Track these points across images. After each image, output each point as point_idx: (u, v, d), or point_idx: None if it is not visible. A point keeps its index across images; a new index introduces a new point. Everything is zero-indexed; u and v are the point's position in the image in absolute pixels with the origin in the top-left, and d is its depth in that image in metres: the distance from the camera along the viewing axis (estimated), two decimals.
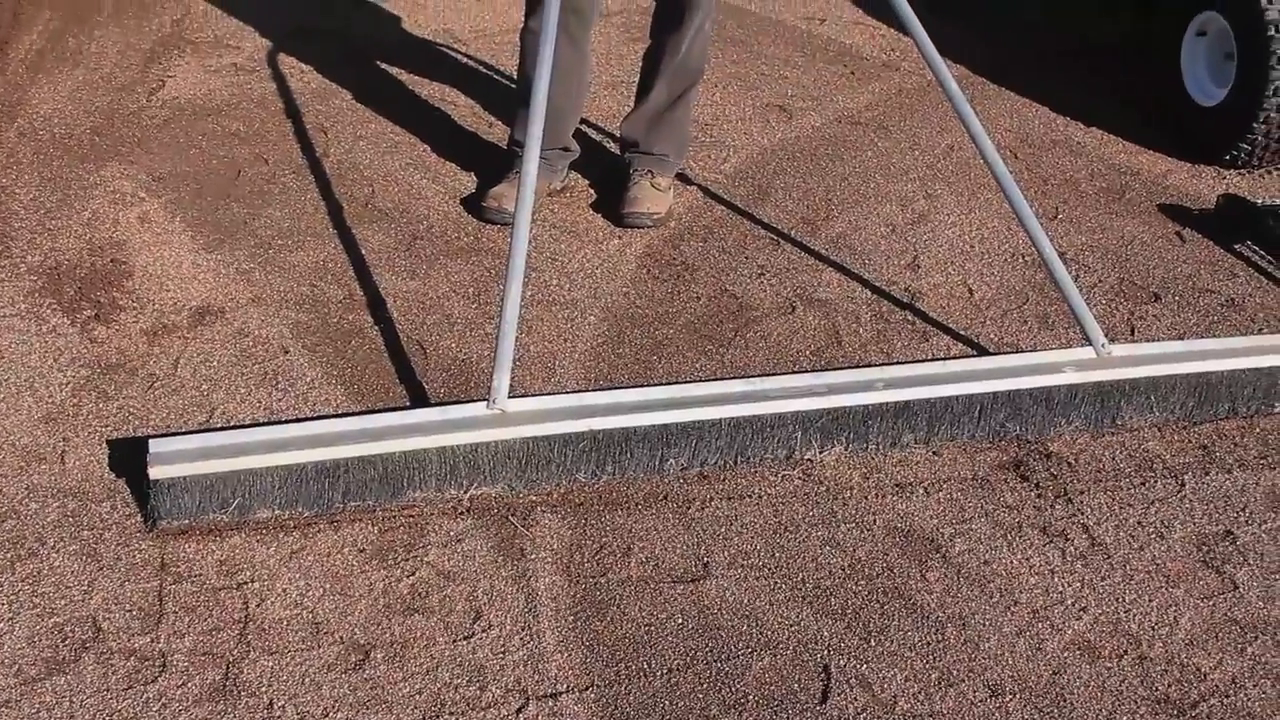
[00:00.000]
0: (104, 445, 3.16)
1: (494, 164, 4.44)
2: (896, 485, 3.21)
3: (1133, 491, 3.25)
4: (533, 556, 2.94)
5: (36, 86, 4.94)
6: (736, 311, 3.83)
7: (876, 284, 4.01)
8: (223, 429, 3.21)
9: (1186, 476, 3.32)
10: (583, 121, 4.62)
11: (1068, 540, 3.08)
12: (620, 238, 4.16)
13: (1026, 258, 4.15)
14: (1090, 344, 3.54)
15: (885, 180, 4.62)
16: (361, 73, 5.19)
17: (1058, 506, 3.18)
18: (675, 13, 4.15)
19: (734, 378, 3.49)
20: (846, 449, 3.37)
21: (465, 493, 3.13)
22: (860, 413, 3.36)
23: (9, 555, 2.84)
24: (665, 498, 3.11)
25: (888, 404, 3.37)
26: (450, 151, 4.62)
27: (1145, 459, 3.36)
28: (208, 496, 3.00)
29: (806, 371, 3.59)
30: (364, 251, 4.01)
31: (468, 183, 4.42)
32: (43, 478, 3.06)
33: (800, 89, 5.30)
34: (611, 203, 4.32)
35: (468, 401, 3.19)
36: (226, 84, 5.05)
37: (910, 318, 3.86)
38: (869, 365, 3.63)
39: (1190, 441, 3.44)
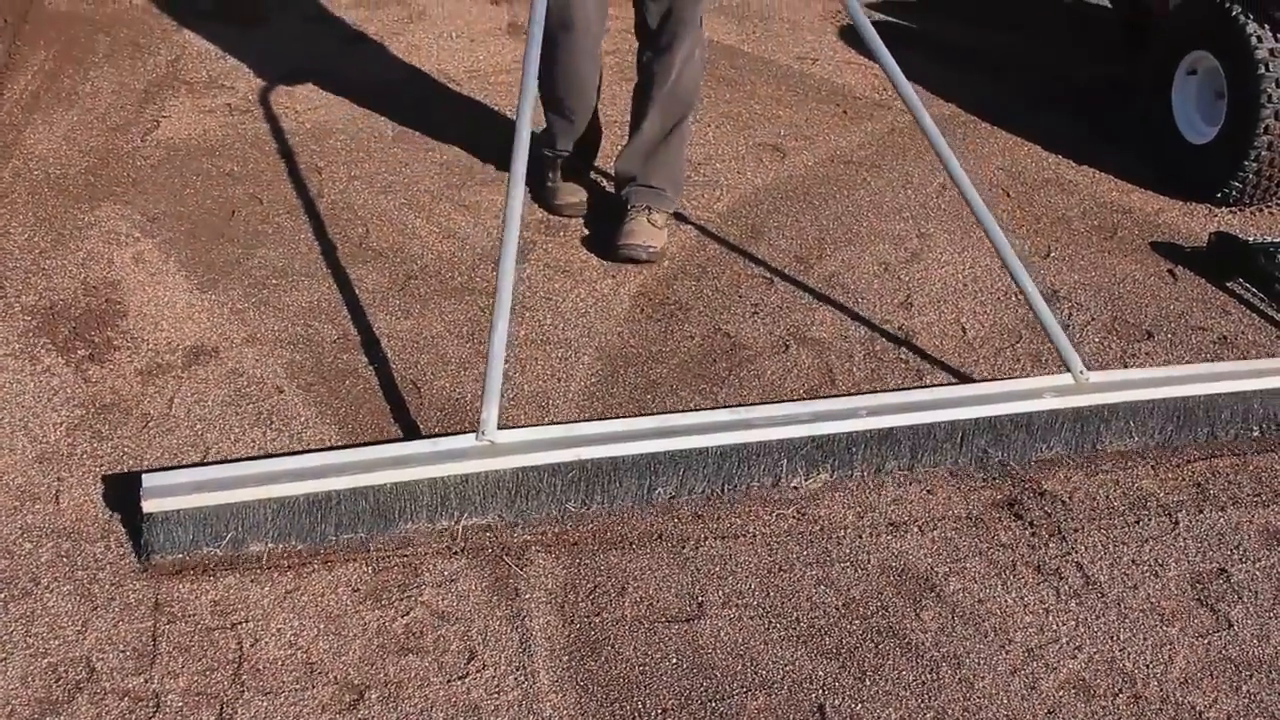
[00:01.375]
0: (99, 484, 3.16)
1: (482, 179, 4.63)
2: (890, 524, 3.21)
3: (1127, 529, 3.25)
4: (527, 596, 2.93)
5: (32, 127, 4.95)
6: (730, 350, 3.84)
7: (870, 322, 4.02)
8: (215, 463, 3.23)
9: (1180, 514, 3.32)
10: None
11: (1062, 579, 3.08)
12: (614, 277, 4.17)
13: (1019, 296, 4.15)
14: (1069, 371, 3.60)
15: (878, 219, 4.63)
16: (355, 113, 5.21)
17: (1052, 545, 3.18)
18: (662, 41, 4.23)
19: (721, 407, 3.55)
20: (832, 476, 3.42)
21: (457, 523, 3.15)
22: (844, 440, 3.42)
23: (2, 595, 2.83)
24: (660, 537, 3.11)
25: (871, 431, 3.42)
26: (444, 191, 4.63)
27: (1139, 497, 3.37)
28: (201, 530, 3.01)
29: (792, 400, 3.63)
30: (358, 291, 4.02)
31: (462, 222, 4.43)
32: (37, 517, 3.05)
33: (793, 128, 5.32)
34: (607, 238, 4.35)
35: (458, 434, 3.21)
36: (221, 124, 5.06)
37: (904, 355, 3.87)
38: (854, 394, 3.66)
39: (1184, 479, 3.45)
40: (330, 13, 6.28)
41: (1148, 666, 2.86)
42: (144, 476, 3.00)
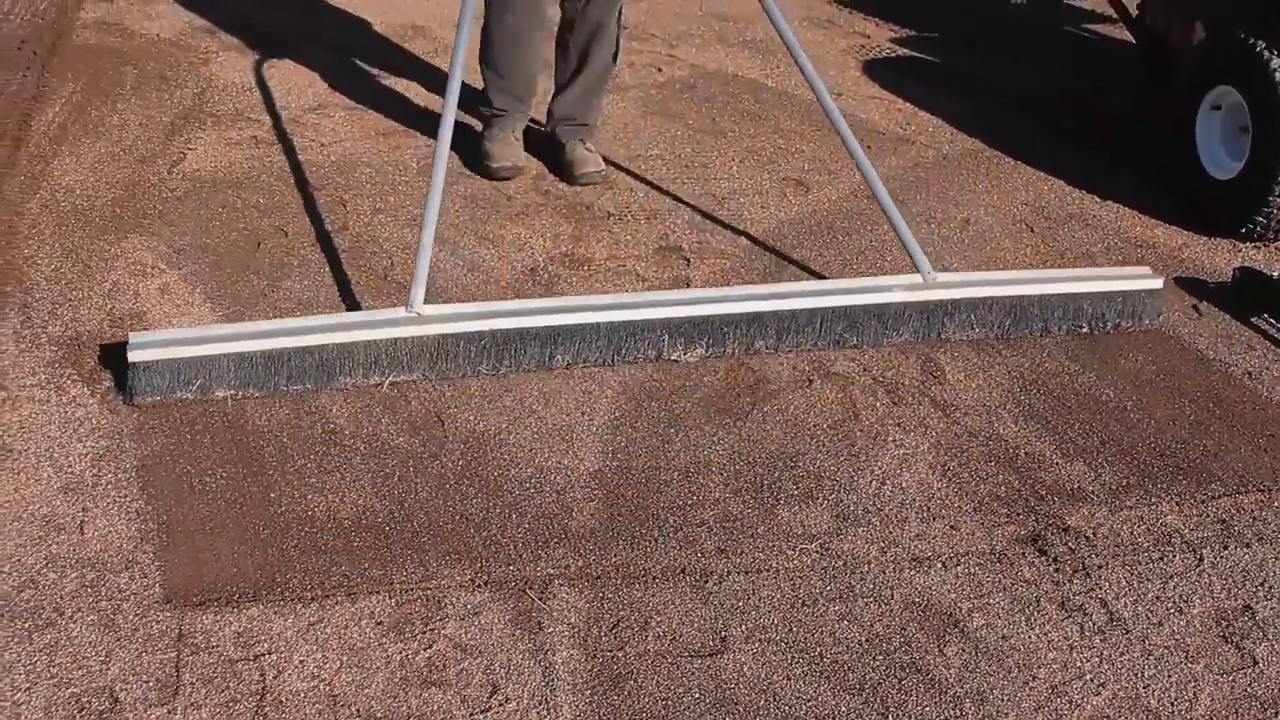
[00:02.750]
0: (123, 515, 3.17)
1: (507, 213, 4.62)
2: (914, 559, 3.20)
3: (1151, 566, 3.24)
4: (550, 630, 2.93)
5: (59, 158, 4.98)
6: (753, 385, 3.84)
7: (894, 357, 4.02)
8: (187, 329, 3.88)
9: (1205, 551, 3.31)
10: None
11: (1086, 615, 3.07)
12: None
13: None
14: (919, 272, 4.13)
15: (900, 254, 4.62)
16: (380, 146, 5.23)
17: (1076, 581, 3.17)
18: (594, 8, 4.97)
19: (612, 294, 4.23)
20: (707, 351, 3.99)
21: (386, 380, 3.77)
22: (718, 321, 3.98)
23: (27, 625, 2.84)
24: (683, 571, 3.11)
25: (741, 314, 4.00)
26: (469, 225, 4.65)
27: (1163, 533, 3.36)
28: (175, 377, 3.62)
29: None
30: None
31: (486, 256, 4.45)
32: (61, 548, 3.06)
33: (816, 163, 5.33)
34: (556, 170, 5.10)
35: (391, 308, 3.85)
36: (247, 157, 5.09)
37: (931, 391, 3.87)
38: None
39: (1208, 515, 3.44)
40: (357, 46, 6.31)
41: (1172, 704, 2.85)
42: (130, 335, 3.64)
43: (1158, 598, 3.14)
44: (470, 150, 5.13)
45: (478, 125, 5.17)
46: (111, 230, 4.47)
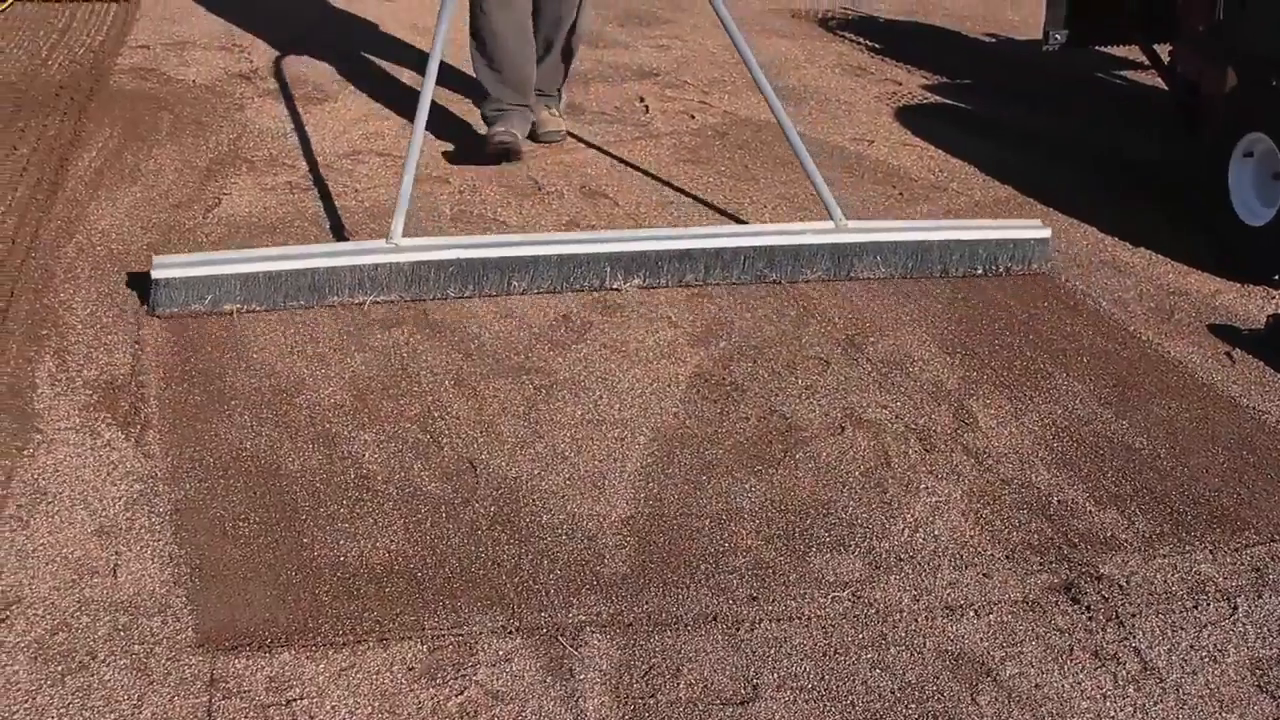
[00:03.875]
0: (156, 559, 3.18)
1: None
2: (946, 608, 3.19)
3: (1185, 615, 3.22)
4: (581, 677, 2.93)
5: (96, 203, 5.03)
6: (785, 432, 3.84)
7: (925, 404, 4.02)
8: (201, 254, 4.61)
9: (1239, 599, 3.28)
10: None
11: (1120, 664, 3.05)
12: (669, 358, 4.18)
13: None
14: (832, 219, 4.83)
15: (929, 300, 4.63)
16: (414, 191, 5.23)
17: (1109, 629, 3.15)
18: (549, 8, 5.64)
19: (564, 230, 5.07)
20: (643, 282, 4.66)
21: (369, 299, 4.44)
22: (653, 255, 4.67)
23: (59, 668, 2.84)
24: (714, 618, 3.10)
25: (674, 250, 4.69)
26: None
27: (1197, 581, 3.34)
28: (190, 292, 4.31)
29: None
30: (415, 368, 4.04)
31: (518, 301, 4.46)
32: (94, 591, 3.07)
33: (848, 209, 5.31)
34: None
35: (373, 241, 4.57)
36: (281, 202, 5.12)
37: (960, 436, 3.86)
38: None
39: (1242, 564, 3.41)
40: (391, 92, 6.35)
41: None
42: (154, 258, 4.34)
43: (1192, 646, 3.12)
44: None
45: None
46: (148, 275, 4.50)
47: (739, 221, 5.17)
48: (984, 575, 3.30)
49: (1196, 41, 5.72)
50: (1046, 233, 4.98)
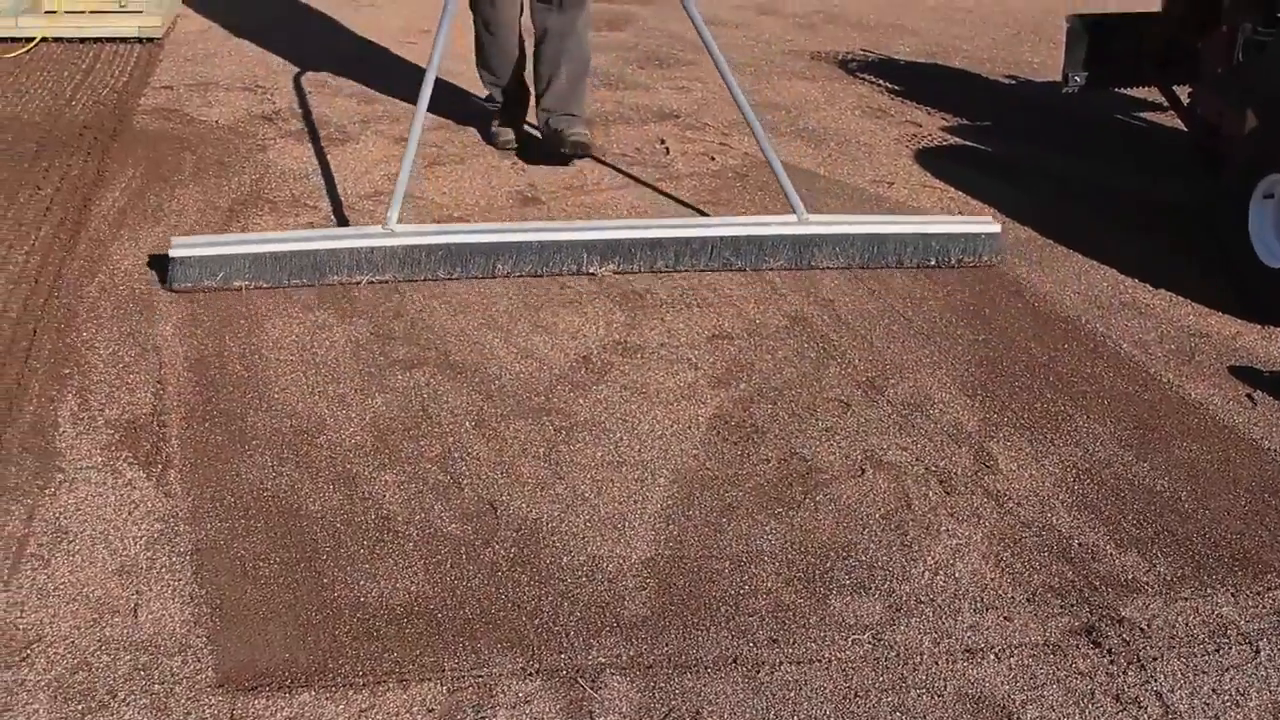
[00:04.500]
0: (177, 599, 3.18)
1: (560, 300, 4.74)
2: (967, 650, 3.18)
3: (1207, 658, 3.21)
4: (601, 719, 2.92)
5: (118, 242, 5.06)
6: (805, 474, 3.83)
7: (946, 446, 4.01)
8: (215, 236, 5.15)
9: (1261, 643, 3.27)
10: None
11: (1141, 708, 3.04)
12: (690, 399, 4.18)
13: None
14: (795, 213, 5.21)
15: (950, 342, 4.63)
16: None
17: (1130, 673, 3.14)
18: (566, 14, 6.04)
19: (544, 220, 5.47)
20: (618, 267, 5.04)
21: (366, 279, 4.86)
22: (626, 243, 5.06)
23: (79, 708, 2.85)
24: (735, 661, 3.10)
25: (645, 238, 5.07)
26: (522, 312, 4.68)
27: (1219, 625, 3.32)
28: (203, 269, 4.74)
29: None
30: (436, 410, 4.05)
31: (539, 343, 4.47)
32: (115, 630, 3.07)
33: None
34: (552, 151, 6.15)
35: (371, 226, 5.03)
36: None
37: (980, 478, 3.85)
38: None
39: (1265, 607, 3.40)
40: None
41: None
42: (173, 239, 4.80)
43: (1214, 690, 3.11)
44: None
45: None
46: (169, 314, 4.51)
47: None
48: (1005, 618, 3.30)
49: (1216, 83, 5.73)
50: (996, 228, 5.36)
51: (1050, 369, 4.49)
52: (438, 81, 5.11)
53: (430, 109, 5.16)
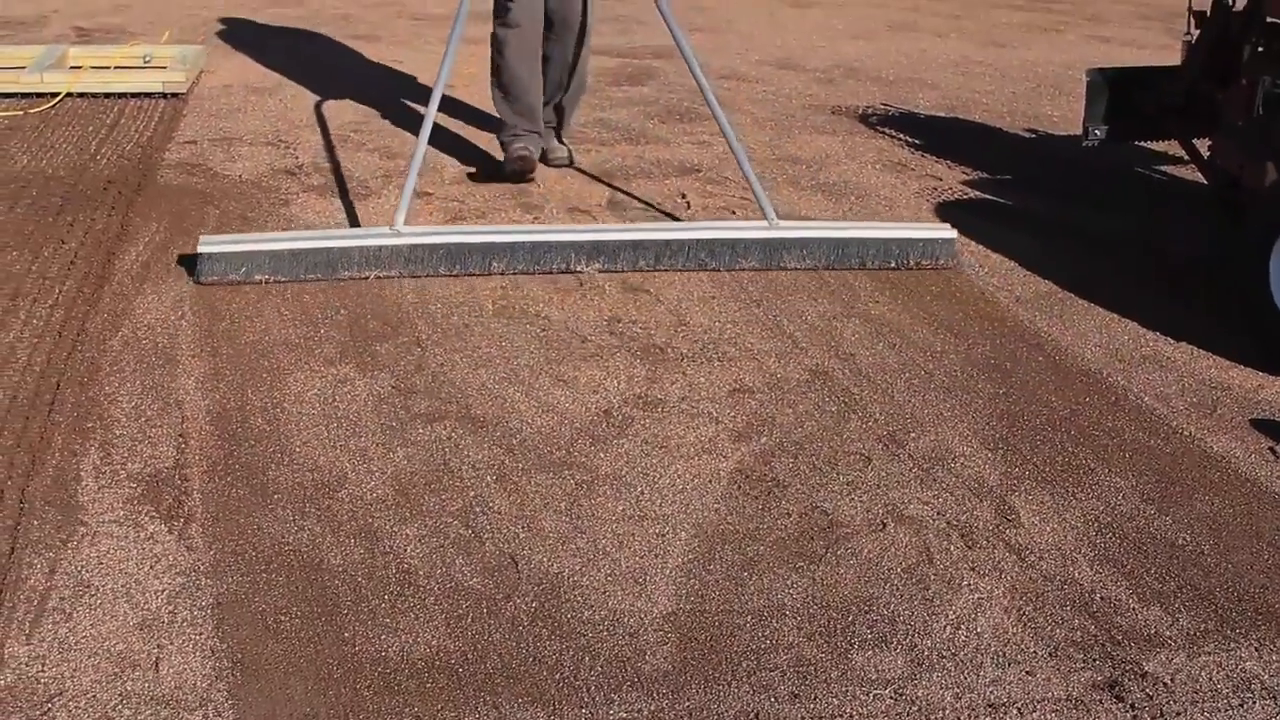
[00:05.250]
0: (198, 653, 3.18)
1: (581, 354, 4.69)
2: (989, 705, 3.17)
3: (1230, 713, 3.19)
4: None
5: (142, 296, 5.08)
6: (827, 528, 3.83)
7: (967, 500, 4.01)
8: (239, 235, 5.71)
9: None
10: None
11: None
12: (711, 453, 4.18)
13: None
14: (766, 219, 5.70)
15: (971, 396, 4.63)
16: (456, 287, 5.31)
17: None
18: (570, 32, 6.57)
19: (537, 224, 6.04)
20: (603, 266, 5.53)
21: (374, 274, 5.38)
22: (611, 244, 5.58)
23: None
24: (756, 716, 3.09)
25: (628, 240, 5.61)
26: (544, 366, 4.69)
27: (1243, 679, 3.31)
28: (228, 264, 5.29)
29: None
30: (457, 464, 4.06)
31: (560, 397, 4.48)
32: (136, 684, 3.08)
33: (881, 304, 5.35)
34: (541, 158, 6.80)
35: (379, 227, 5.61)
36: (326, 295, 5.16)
37: (1006, 535, 3.84)
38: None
39: None
40: (435, 192, 6.40)
41: None
42: (201, 238, 5.33)
43: None
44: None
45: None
46: (192, 369, 4.53)
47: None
48: (1027, 673, 3.28)
49: (1236, 136, 5.74)
50: (952, 234, 5.87)
51: (1071, 422, 4.49)
52: (458, 138, 5.65)
53: (453, 168, 5.25)
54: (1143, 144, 7.11)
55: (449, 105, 7.58)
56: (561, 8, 6.51)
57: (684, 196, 6.54)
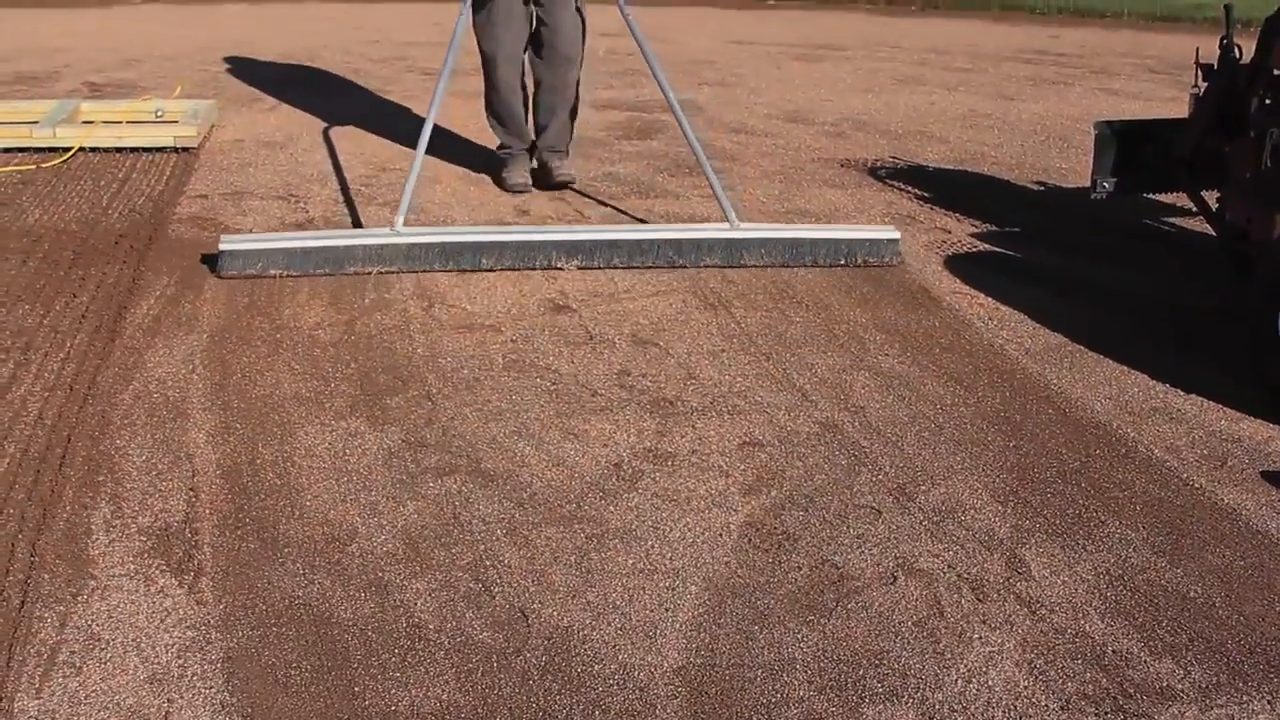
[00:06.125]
0: (208, 707, 3.18)
1: (591, 408, 4.63)
2: None
3: None
4: None
5: (152, 350, 5.10)
6: (837, 581, 3.83)
7: (978, 554, 4.00)
8: (256, 234, 6.46)
9: None
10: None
11: None
12: (722, 507, 4.18)
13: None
14: (728, 221, 6.38)
15: (981, 448, 4.63)
16: (466, 341, 5.31)
17: None
18: (560, 66, 7.30)
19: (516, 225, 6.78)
20: (580, 264, 6.20)
21: (376, 270, 6.04)
22: (587, 243, 6.26)
23: None
24: None
25: (602, 240, 6.29)
26: (554, 420, 4.70)
27: None
28: (247, 260, 5.93)
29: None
30: (467, 517, 4.06)
31: (571, 451, 4.48)
32: None
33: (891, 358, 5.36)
34: (542, 181, 7.57)
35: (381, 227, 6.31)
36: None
37: (1013, 585, 3.84)
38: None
39: None
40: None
41: None
42: (223, 236, 6.04)
43: None
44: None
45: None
46: (203, 423, 4.54)
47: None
48: None
49: (1245, 188, 5.75)
50: (896, 234, 6.55)
51: (1082, 474, 4.48)
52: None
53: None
54: (1151, 196, 7.14)
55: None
56: (553, 37, 7.25)
57: None
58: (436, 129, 6.46)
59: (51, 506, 4.02)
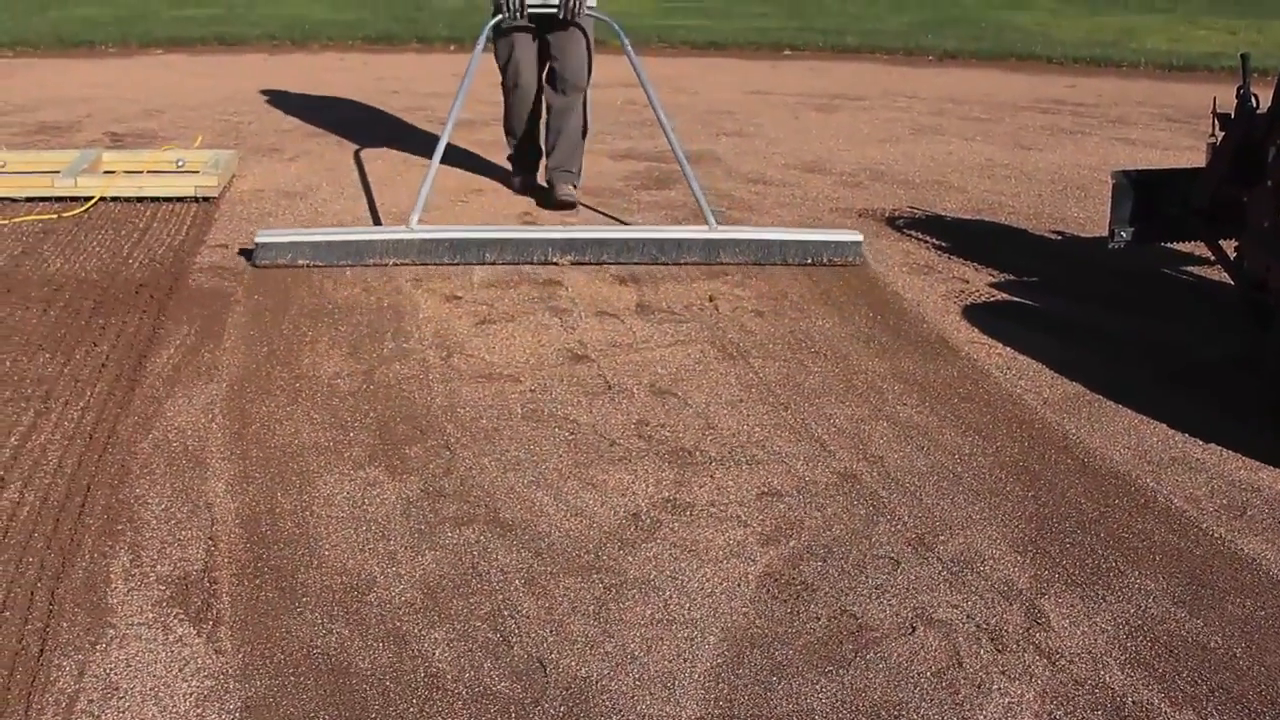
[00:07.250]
0: None
1: (609, 458, 4.64)
2: None
3: None
4: None
5: (172, 399, 5.11)
6: (856, 632, 3.82)
7: (997, 603, 3.99)
8: (289, 229, 7.20)
9: None
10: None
11: None
12: (740, 557, 4.18)
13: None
14: (707, 223, 7.09)
15: (1000, 499, 4.62)
16: (485, 391, 5.32)
17: None
18: (570, 93, 8.08)
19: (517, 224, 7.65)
20: (572, 260, 6.91)
21: (393, 263, 6.81)
22: (580, 242, 7.00)
23: None
24: None
25: (593, 239, 7.04)
26: (572, 470, 4.70)
27: None
28: (279, 251, 6.78)
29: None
30: (485, 567, 4.06)
31: (589, 500, 4.48)
32: None
33: (922, 400, 5.35)
34: (547, 202, 8.24)
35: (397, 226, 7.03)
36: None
37: (1032, 635, 3.83)
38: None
39: None
40: (463, 293, 6.45)
41: None
42: (259, 231, 6.89)
43: None
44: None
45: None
46: (222, 473, 4.55)
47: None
48: None
49: (1263, 237, 5.76)
50: (858, 237, 7.25)
51: (1101, 524, 4.47)
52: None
53: (482, 271, 5.44)
54: (1168, 246, 7.14)
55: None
56: (563, 69, 8.07)
57: (712, 299, 6.57)
58: (451, 146, 7.27)
59: (71, 555, 4.03)
